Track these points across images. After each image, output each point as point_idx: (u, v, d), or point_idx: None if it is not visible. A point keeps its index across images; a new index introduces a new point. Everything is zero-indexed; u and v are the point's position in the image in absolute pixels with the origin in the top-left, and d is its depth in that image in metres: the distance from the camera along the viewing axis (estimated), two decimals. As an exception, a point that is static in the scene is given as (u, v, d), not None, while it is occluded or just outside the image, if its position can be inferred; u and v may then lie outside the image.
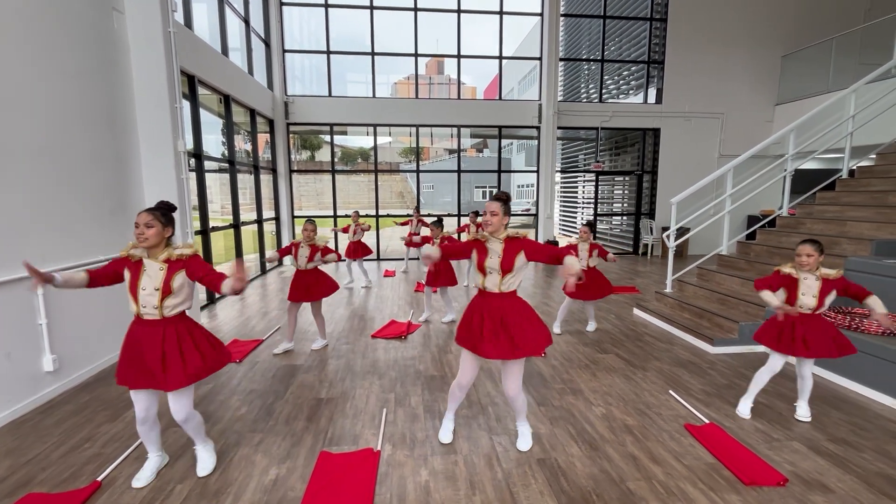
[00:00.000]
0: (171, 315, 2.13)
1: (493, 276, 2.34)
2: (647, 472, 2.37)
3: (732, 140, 9.92)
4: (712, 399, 3.22)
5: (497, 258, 2.32)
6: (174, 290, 2.10)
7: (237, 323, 5.14)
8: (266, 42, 8.72)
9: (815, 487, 2.24)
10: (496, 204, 2.34)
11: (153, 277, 2.07)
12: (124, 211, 4.16)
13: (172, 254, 2.12)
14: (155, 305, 2.07)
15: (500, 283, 2.33)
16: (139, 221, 2.07)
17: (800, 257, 2.75)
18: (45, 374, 3.24)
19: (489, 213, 2.34)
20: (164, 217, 2.13)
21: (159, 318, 2.09)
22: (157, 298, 2.06)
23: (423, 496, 2.19)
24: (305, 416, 2.99)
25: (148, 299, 2.07)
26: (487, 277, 2.35)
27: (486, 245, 2.38)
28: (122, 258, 2.12)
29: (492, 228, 2.36)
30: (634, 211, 10.60)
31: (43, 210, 3.25)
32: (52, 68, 3.36)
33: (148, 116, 4.38)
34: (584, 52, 10.70)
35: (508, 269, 2.31)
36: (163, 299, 2.07)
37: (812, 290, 2.72)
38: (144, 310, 2.08)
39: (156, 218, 2.09)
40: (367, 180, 10.13)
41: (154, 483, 2.28)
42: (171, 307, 2.11)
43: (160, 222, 2.10)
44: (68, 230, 3.48)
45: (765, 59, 9.80)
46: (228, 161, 6.74)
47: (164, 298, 2.07)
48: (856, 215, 4.78)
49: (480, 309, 2.38)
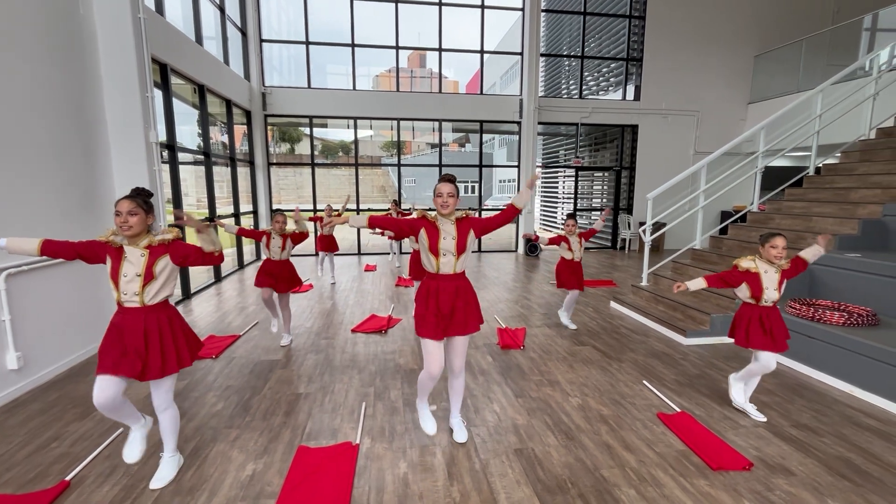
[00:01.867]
0: (153, 303, 2.09)
1: (447, 257, 2.34)
2: (621, 460, 2.43)
3: (707, 137, 10.16)
4: (684, 389, 3.32)
5: (452, 239, 2.33)
6: (156, 276, 2.06)
7: (213, 318, 5.04)
8: (242, 31, 8.50)
9: (778, 471, 2.34)
10: (451, 185, 2.34)
11: (134, 264, 2.03)
12: (93, 204, 4.02)
13: (153, 239, 2.08)
14: (136, 292, 2.03)
15: (455, 264, 2.35)
16: (121, 209, 2.00)
17: (774, 249, 2.72)
18: (10, 372, 3.12)
19: (446, 195, 2.33)
20: (145, 204, 2.08)
21: (140, 305, 2.05)
22: (138, 285, 2.02)
23: (402, 488, 2.21)
24: (283, 411, 2.97)
25: (129, 286, 2.02)
26: (442, 259, 2.34)
27: (437, 226, 2.35)
28: (102, 242, 2.05)
29: (448, 210, 2.35)
30: (613, 206, 10.78)
31: (5, 204, 3.11)
32: (10, 54, 3.21)
33: (117, 106, 4.23)
34: (564, 48, 10.78)
35: (463, 250, 2.35)
36: (144, 285, 2.03)
37: (773, 283, 2.76)
38: (125, 297, 2.04)
39: (138, 205, 2.04)
40: (348, 174, 10.03)
41: (125, 482, 2.23)
42: (153, 294, 2.07)
43: (143, 209, 2.05)
44: (34, 225, 3.34)
45: (738, 58, 10.06)
46: (204, 153, 6.57)
47: (145, 285, 2.03)
48: (821, 211, 4.97)
49: (437, 292, 2.36)
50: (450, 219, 2.37)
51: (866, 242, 4.36)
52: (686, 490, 2.19)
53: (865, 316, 3.49)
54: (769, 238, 2.78)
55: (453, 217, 2.38)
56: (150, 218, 2.12)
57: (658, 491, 2.18)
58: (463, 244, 2.35)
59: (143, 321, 2.06)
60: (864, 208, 4.58)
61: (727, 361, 3.85)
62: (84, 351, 3.85)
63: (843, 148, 5.80)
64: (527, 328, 4.70)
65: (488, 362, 3.80)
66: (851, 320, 3.47)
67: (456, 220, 2.37)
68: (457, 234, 2.34)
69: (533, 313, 5.28)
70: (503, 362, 3.80)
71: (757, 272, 2.77)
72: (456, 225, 2.36)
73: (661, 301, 5.01)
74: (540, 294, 6.26)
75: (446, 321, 2.35)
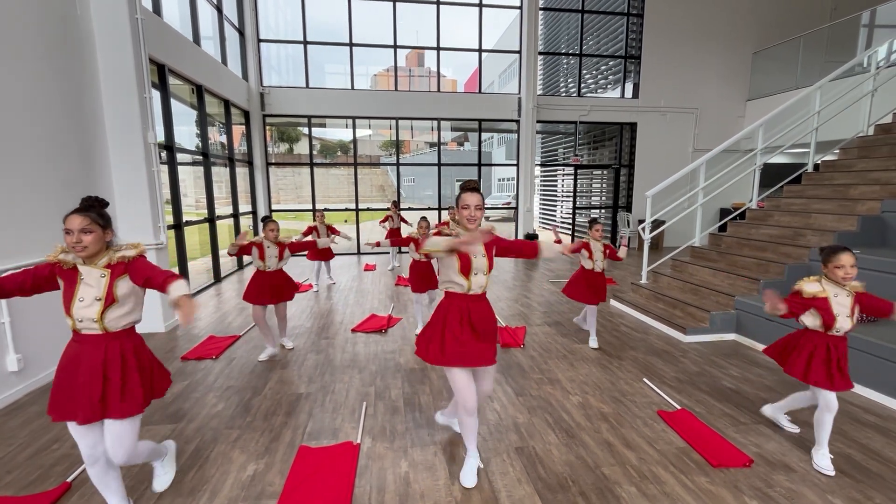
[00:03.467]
0: (117, 329, 1.79)
1: (478, 276, 2.13)
2: (621, 458, 2.44)
3: (706, 135, 10.17)
4: (684, 386, 3.32)
5: (483, 257, 2.13)
6: (119, 299, 1.77)
7: (213, 319, 5.04)
8: (240, 31, 8.48)
9: (778, 468, 2.35)
10: (478, 196, 2.09)
11: (93, 286, 1.73)
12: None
13: (114, 257, 1.79)
14: (94, 318, 1.74)
15: (485, 283, 2.18)
16: (72, 227, 1.70)
17: (841, 269, 2.21)
18: (10, 375, 3.12)
19: (473, 207, 2.08)
20: (101, 219, 1.78)
21: (101, 332, 1.77)
22: (96, 310, 1.73)
23: (403, 487, 2.21)
24: (284, 411, 2.97)
25: (85, 312, 1.73)
26: (473, 279, 2.11)
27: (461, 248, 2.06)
28: (50, 263, 1.77)
29: (477, 225, 2.11)
30: (612, 204, 10.79)
31: (2, 206, 3.11)
32: (8, 55, 3.20)
33: (115, 107, 4.23)
34: (562, 46, 10.77)
35: (491, 267, 2.18)
36: (104, 310, 1.74)
37: (846, 310, 2.25)
38: (81, 324, 1.74)
39: (93, 221, 1.74)
40: (347, 174, 10.02)
41: (126, 483, 2.23)
42: (116, 319, 1.78)
43: (99, 225, 1.76)
44: (29, 224, 3.34)
45: (737, 55, 10.06)
46: (202, 153, 6.56)
47: (105, 309, 1.74)
48: (820, 208, 4.98)
49: (468, 314, 2.12)
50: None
51: (865, 239, 4.37)
52: (687, 487, 2.19)
53: (865, 312, 3.49)
54: (832, 255, 2.25)
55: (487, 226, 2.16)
56: (109, 234, 1.82)
57: (659, 488, 2.19)
58: (492, 260, 2.17)
59: (104, 351, 1.77)
60: (863, 205, 4.58)
61: (727, 359, 3.86)
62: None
63: (842, 144, 5.80)
64: (527, 327, 4.71)
65: (488, 361, 3.80)
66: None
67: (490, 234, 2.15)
68: (486, 250, 2.15)
69: (533, 312, 5.28)
70: (503, 361, 3.81)
71: (825, 296, 2.28)
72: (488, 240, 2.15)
73: (661, 299, 5.02)
74: (540, 293, 6.26)
75: (477, 345, 2.11)
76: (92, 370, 1.75)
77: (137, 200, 4.38)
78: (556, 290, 6.34)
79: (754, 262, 4.68)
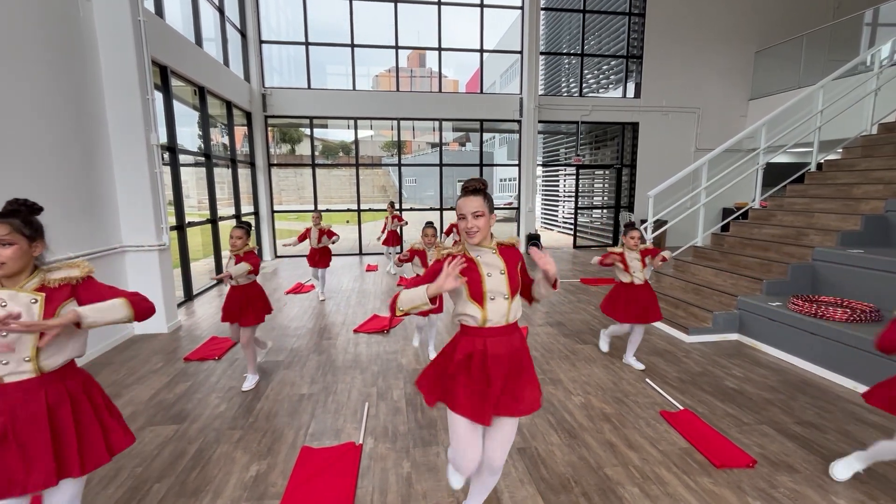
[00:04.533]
0: (55, 368, 1.41)
1: (497, 301, 1.58)
2: (624, 458, 2.43)
3: (708, 134, 10.14)
4: (687, 386, 3.31)
5: (501, 274, 1.60)
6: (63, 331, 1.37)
7: (216, 320, 5.05)
8: (242, 32, 8.50)
9: (781, 468, 2.34)
10: (478, 199, 1.56)
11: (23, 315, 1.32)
12: (93, 207, 4.03)
13: (49, 279, 1.41)
14: (26, 357, 1.35)
15: (508, 311, 1.60)
16: None
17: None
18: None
19: (471, 216, 1.56)
20: (27, 227, 1.39)
21: (35, 375, 1.37)
22: (29, 347, 1.34)
23: (405, 488, 2.21)
24: (286, 412, 2.97)
25: (13, 352, 1.33)
26: (490, 306, 1.58)
27: (476, 260, 1.61)
28: None
29: (481, 236, 1.59)
30: (614, 204, 10.77)
31: (7, 205, 3.12)
32: (11, 58, 3.22)
33: (118, 108, 4.24)
34: (564, 46, 10.76)
35: (517, 289, 1.64)
36: (39, 347, 1.36)
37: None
38: (6, 367, 1.33)
39: (14, 230, 1.35)
40: (349, 174, 10.03)
41: (130, 483, 2.24)
42: (53, 356, 1.40)
43: (24, 235, 1.37)
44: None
45: (739, 54, 10.03)
46: (205, 155, 6.58)
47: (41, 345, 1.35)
48: (823, 207, 4.96)
49: (484, 358, 1.58)
50: (489, 247, 1.64)
51: (869, 238, 4.35)
52: (690, 488, 2.18)
53: (868, 312, 3.48)
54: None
55: (493, 243, 1.65)
56: (38, 247, 1.43)
57: (662, 489, 2.18)
58: (517, 281, 1.63)
59: (45, 398, 1.38)
60: (867, 204, 4.56)
61: (730, 359, 3.84)
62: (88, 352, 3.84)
63: (845, 144, 5.78)
64: (529, 327, 4.70)
65: (490, 361, 3.80)
66: (854, 316, 3.46)
67: (499, 247, 1.66)
68: (506, 266, 1.61)
69: (535, 312, 5.27)
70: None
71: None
72: (500, 254, 1.64)
73: (663, 298, 5.00)
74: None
75: (496, 396, 1.57)
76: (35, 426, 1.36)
77: (140, 202, 4.40)
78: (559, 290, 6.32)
79: (757, 261, 4.67)
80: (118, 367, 3.70)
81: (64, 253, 3.61)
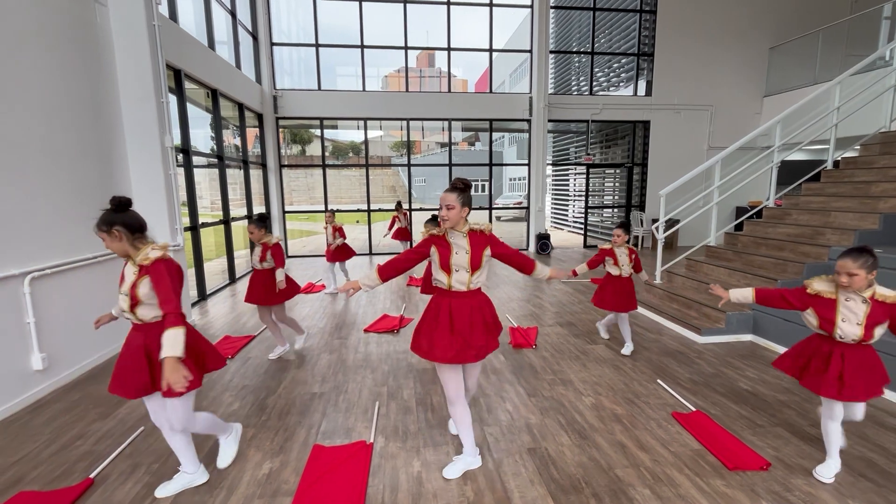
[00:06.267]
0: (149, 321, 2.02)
1: (460, 273, 2.15)
2: (635, 460, 2.42)
3: (721, 132, 10.00)
4: (699, 388, 3.28)
5: (465, 253, 2.14)
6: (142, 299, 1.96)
7: (229, 319, 5.13)
8: (253, 35, 8.60)
9: (796, 471, 2.30)
10: (452, 195, 2.11)
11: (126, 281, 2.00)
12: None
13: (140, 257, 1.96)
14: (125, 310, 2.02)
15: (469, 280, 2.16)
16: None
17: (840, 274, 2.10)
18: (35, 373, 3.22)
19: (445, 208, 2.12)
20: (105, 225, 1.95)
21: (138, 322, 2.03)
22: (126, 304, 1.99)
23: (416, 486, 2.22)
24: (298, 410, 3.01)
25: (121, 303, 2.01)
26: (454, 275, 2.15)
27: (447, 240, 2.17)
28: None
29: (450, 223, 2.14)
30: (625, 203, 10.67)
31: (25, 208, 3.20)
32: (32, 63, 3.30)
33: (133, 111, 4.32)
34: (574, 44, 10.69)
35: (477, 266, 2.15)
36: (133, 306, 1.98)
37: (855, 317, 2.11)
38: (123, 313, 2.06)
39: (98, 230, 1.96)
40: (359, 174, 10.09)
41: (147, 479, 2.28)
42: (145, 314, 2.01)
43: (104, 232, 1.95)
44: (52, 228, 3.44)
45: (753, 50, 9.87)
46: (217, 156, 6.67)
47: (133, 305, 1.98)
48: (840, 206, 4.86)
49: (449, 311, 2.17)
50: (461, 231, 2.17)
51: (888, 237, 4.25)
52: (702, 490, 2.16)
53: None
54: (838, 260, 2.13)
55: (465, 229, 2.17)
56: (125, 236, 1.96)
57: (673, 491, 2.16)
58: (478, 259, 2.15)
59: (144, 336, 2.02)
60: (886, 202, 4.46)
61: (743, 360, 3.79)
62: (104, 352, 3.94)
63: (863, 140, 5.65)
64: (539, 327, 4.69)
65: (500, 361, 3.80)
66: None
67: (469, 233, 2.17)
68: (470, 248, 2.14)
69: (545, 312, 5.26)
70: (515, 361, 3.80)
71: (833, 298, 2.16)
72: (469, 238, 2.16)
73: (675, 299, 4.95)
74: (552, 293, 6.23)
75: (462, 340, 2.15)
76: (136, 353, 1.98)
77: (155, 203, 4.48)
78: (569, 290, 6.30)
79: (771, 261, 4.60)
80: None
81: (82, 254, 3.70)
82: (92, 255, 3.80)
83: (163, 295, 1.91)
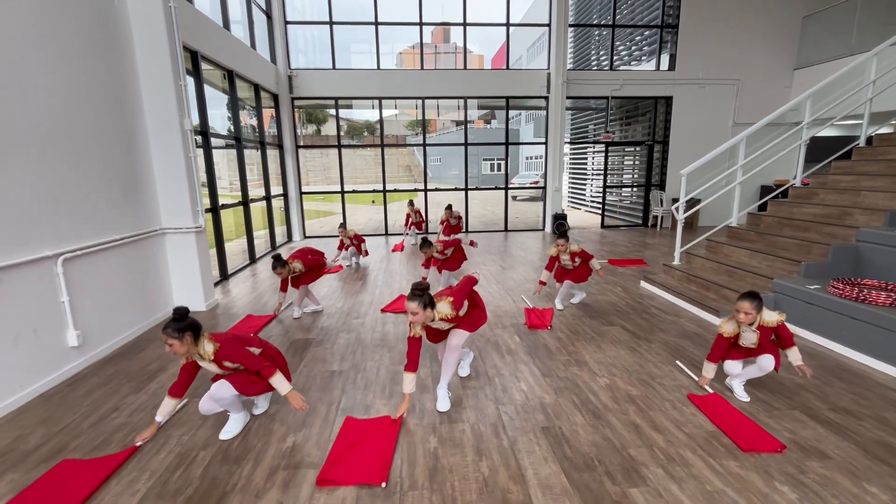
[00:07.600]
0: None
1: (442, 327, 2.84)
2: (649, 440, 2.45)
3: (748, 107, 9.63)
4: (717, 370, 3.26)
5: (444, 323, 2.74)
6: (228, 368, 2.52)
7: (250, 298, 5.27)
8: (267, 13, 8.53)
9: (812, 454, 2.31)
10: (413, 304, 2.53)
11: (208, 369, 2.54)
12: (135, 192, 4.22)
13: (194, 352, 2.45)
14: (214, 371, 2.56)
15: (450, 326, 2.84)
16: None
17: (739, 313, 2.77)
18: (70, 349, 3.39)
19: (410, 314, 2.55)
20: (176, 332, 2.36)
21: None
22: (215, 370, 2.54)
23: (432, 462, 2.30)
24: (319, 387, 3.12)
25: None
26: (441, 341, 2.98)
27: (431, 326, 2.80)
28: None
29: (419, 323, 2.64)
30: (645, 182, 10.45)
31: (55, 192, 3.31)
32: (54, 50, 3.35)
33: (153, 94, 4.38)
34: (594, 17, 10.31)
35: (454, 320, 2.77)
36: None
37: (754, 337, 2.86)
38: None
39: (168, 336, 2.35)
40: (374, 154, 10.07)
41: (178, 450, 2.42)
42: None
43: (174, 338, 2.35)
44: (81, 211, 3.56)
45: (784, 20, 9.38)
46: (235, 137, 6.74)
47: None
48: (871, 185, 4.68)
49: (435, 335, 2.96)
50: (437, 320, 2.69)
51: (921, 218, 4.10)
52: (715, 470, 2.19)
53: (915, 296, 3.32)
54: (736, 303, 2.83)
55: (439, 318, 2.66)
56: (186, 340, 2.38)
57: (686, 471, 2.19)
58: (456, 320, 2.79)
59: None
60: (920, 181, 4.28)
61: (762, 342, 3.75)
62: (135, 329, 4.12)
63: (900, 116, 5.39)
64: (554, 308, 4.70)
65: (515, 342, 3.85)
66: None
67: (442, 320, 2.68)
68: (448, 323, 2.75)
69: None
70: (530, 342, 3.84)
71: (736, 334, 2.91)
72: (448, 321, 2.72)
73: (694, 280, 4.89)
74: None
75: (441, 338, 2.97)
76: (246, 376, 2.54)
77: (177, 185, 4.57)
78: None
79: (795, 242, 4.48)
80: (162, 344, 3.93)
81: (110, 236, 3.82)
82: (120, 237, 3.93)
83: (246, 362, 2.42)
